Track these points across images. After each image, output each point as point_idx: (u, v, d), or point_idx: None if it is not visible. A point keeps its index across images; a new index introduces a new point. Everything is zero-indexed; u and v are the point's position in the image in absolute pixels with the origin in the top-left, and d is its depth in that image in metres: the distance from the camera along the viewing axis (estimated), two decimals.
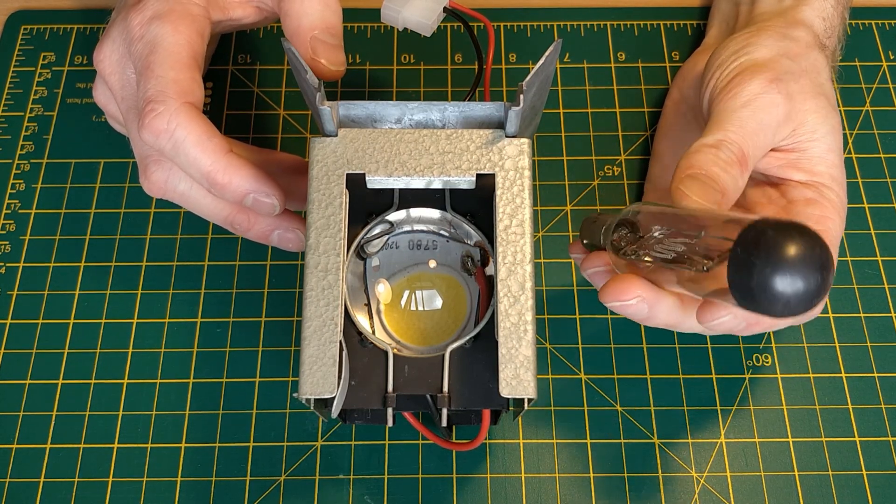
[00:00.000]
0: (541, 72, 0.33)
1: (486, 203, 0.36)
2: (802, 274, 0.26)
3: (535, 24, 0.51)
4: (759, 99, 0.37)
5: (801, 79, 0.38)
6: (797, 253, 0.26)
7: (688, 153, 0.36)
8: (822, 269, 0.27)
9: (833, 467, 0.40)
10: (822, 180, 0.38)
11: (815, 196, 0.37)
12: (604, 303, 0.33)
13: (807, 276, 0.26)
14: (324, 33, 0.38)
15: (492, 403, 0.33)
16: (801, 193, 0.38)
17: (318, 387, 0.31)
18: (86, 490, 0.40)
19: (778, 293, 0.27)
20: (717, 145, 0.35)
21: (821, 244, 0.27)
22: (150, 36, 0.37)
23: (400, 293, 0.36)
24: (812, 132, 0.37)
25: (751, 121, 0.36)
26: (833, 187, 0.38)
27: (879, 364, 0.42)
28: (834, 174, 0.38)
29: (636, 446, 0.41)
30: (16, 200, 0.46)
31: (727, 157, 0.35)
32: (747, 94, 0.37)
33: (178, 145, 0.35)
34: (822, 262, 0.27)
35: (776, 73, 0.37)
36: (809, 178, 0.38)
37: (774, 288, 0.27)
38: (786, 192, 0.38)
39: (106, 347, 0.43)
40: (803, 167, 0.38)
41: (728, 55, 0.39)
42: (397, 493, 0.39)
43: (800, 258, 0.26)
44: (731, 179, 0.35)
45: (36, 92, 0.49)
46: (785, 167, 0.38)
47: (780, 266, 0.26)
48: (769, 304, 0.27)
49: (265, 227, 0.40)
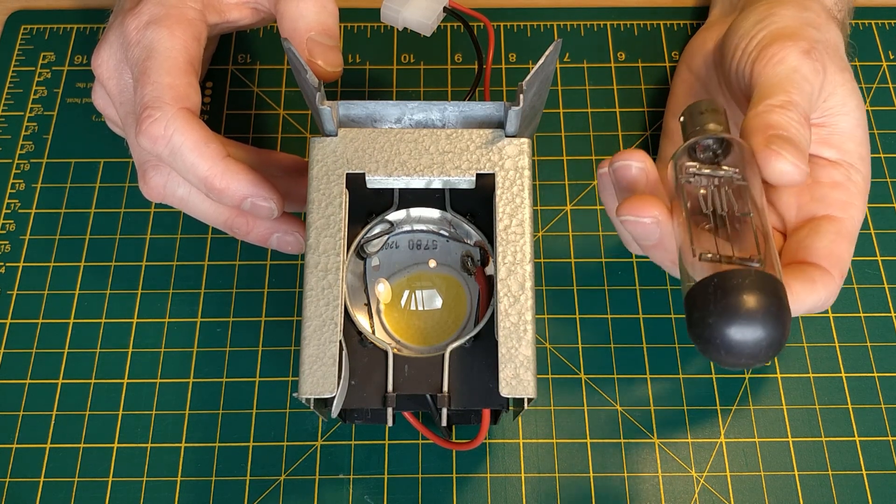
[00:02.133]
0: (541, 72, 0.33)
1: (485, 203, 0.36)
2: (748, 331, 0.28)
3: (535, 24, 0.51)
4: (804, 66, 0.36)
5: (828, 50, 0.37)
6: (752, 313, 0.28)
7: (757, 113, 0.34)
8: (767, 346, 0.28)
9: (833, 467, 0.40)
10: (852, 160, 0.37)
11: (842, 179, 0.37)
12: (618, 216, 0.33)
13: (752, 334, 0.28)
14: (320, 35, 0.38)
15: (492, 403, 0.33)
16: (829, 174, 0.37)
17: (318, 386, 0.31)
18: (86, 490, 0.40)
19: (722, 342, 0.28)
20: (785, 106, 0.34)
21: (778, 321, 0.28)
22: (146, 41, 0.37)
23: (400, 293, 0.36)
24: (843, 105, 0.37)
25: (806, 85, 0.36)
26: (861, 168, 0.37)
27: (879, 364, 0.42)
28: (862, 153, 0.37)
29: (636, 446, 0.41)
30: (16, 200, 0.46)
31: (798, 119, 0.34)
32: (793, 60, 0.36)
33: (175, 151, 0.35)
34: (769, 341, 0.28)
35: (810, 43, 0.37)
36: (839, 156, 0.37)
37: (716, 337, 0.28)
38: (812, 169, 0.37)
39: (106, 347, 0.43)
40: (834, 143, 0.37)
41: (751, 24, 0.38)
42: (397, 493, 0.39)
43: (753, 319, 0.28)
44: (806, 142, 0.34)
45: (36, 92, 0.49)
46: (816, 143, 0.37)
47: (731, 319, 0.28)
48: (707, 349, 0.29)
49: (264, 230, 0.40)
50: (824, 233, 0.36)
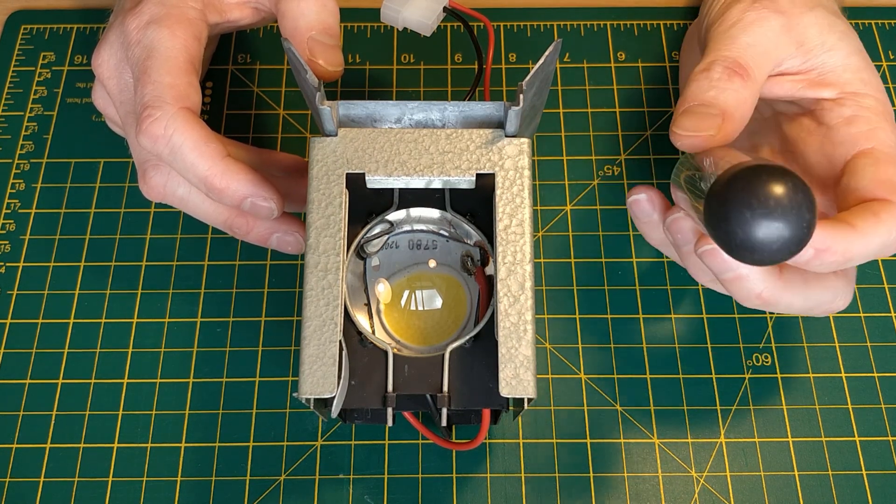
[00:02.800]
0: (541, 71, 0.33)
1: (485, 203, 0.36)
2: (776, 218, 0.26)
3: (535, 24, 0.51)
4: (746, 16, 0.35)
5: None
6: (775, 197, 0.26)
7: (682, 89, 0.35)
8: (789, 217, 0.26)
9: (833, 467, 0.40)
10: (854, 88, 0.35)
11: (853, 111, 0.35)
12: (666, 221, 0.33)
13: (780, 223, 0.26)
14: (321, 34, 0.38)
15: (492, 403, 0.33)
16: (838, 114, 0.35)
17: (318, 386, 0.31)
18: (86, 490, 0.40)
19: (747, 239, 0.26)
20: (707, 67, 0.34)
21: (803, 193, 0.26)
22: (146, 41, 0.37)
23: (400, 293, 0.36)
24: (821, 44, 0.36)
25: (741, 35, 0.35)
26: (868, 92, 0.35)
27: (879, 364, 0.42)
28: (864, 77, 0.36)
29: (636, 446, 0.41)
30: (16, 200, 0.46)
31: (720, 74, 0.34)
32: (733, 16, 0.36)
33: (175, 150, 0.35)
34: (790, 212, 0.26)
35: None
36: (840, 91, 0.36)
37: (742, 234, 0.26)
38: (821, 116, 0.36)
39: (106, 347, 0.43)
40: (829, 81, 0.36)
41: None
42: (397, 493, 0.39)
43: (777, 204, 0.26)
44: (732, 94, 0.33)
45: (36, 92, 0.49)
46: (809, 87, 0.36)
47: (753, 206, 0.26)
48: (737, 249, 0.27)
49: (264, 230, 0.40)
50: (862, 168, 0.33)
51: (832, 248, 0.30)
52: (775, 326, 0.43)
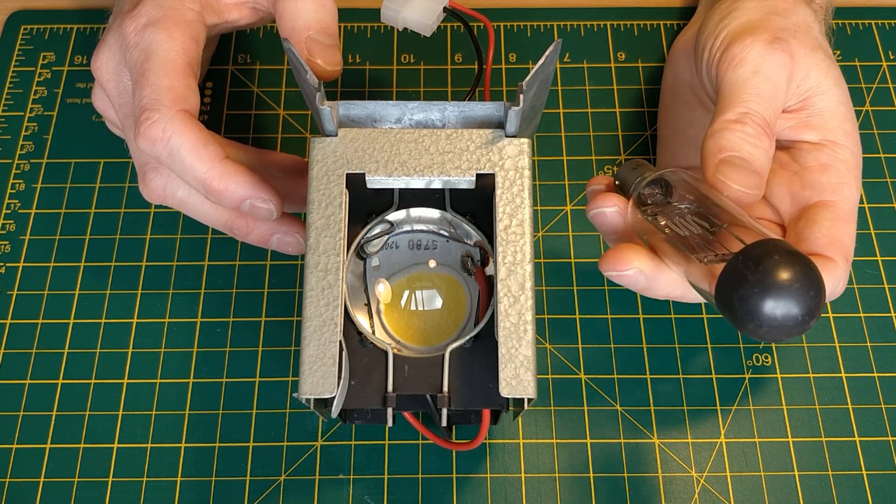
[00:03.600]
0: (541, 72, 0.33)
1: (486, 203, 0.36)
2: (788, 303, 0.27)
3: (535, 24, 0.51)
4: (766, 62, 0.36)
5: (796, 34, 0.37)
6: (790, 284, 0.27)
7: (712, 133, 0.35)
8: (807, 309, 0.28)
9: (833, 467, 0.40)
10: (835, 137, 0.36)
11: (828, 160, 0.36)
12: (602, 272, 0.34)
13: (792, 307, 0.27)
14: (319, 34, 0.38)
15: (492, 403, 0.33)
16: (815, 158, 0.36)
17: (318, 387, 0.31)
18: (86, 490, 0.40)
19: (757, 314, 0.28)
20: (741, 120, 0.34)
21: (816, 287, 0.28)
22: (144, 43, 0.37)
23: (400, 293, 0.36)
24: (818, 86, 0.37)
25: (766, 86, 0.35)
26: (847, 144, 0.36)
27: (879, 364, 0.42)
28: (846, 129, 0.37)
29: (636, 446, 0.41)
30: (16, 200, 0.46)
31: (755, 131, 0.34)
32: (753, 59, 0.36)
33: (173, 153, 0.35)
34: (809, 305, 0.27)
35: (773, 33, 0.36)
36: (822, 136, 0.37)
37: (755, 308, 0.28)
38: (797, 155, 0.37)
39: (106, 347, 0.43)
40: (814, 125, 0.37)
41: (715, 24, 0.39)
42: (397, 493, 0.39)
43: (791, 290, 0.27)
44: (764, 154, 0.34)
45: (36, 92, 0.49)
46: (796, 128, 0.37)
47: (769, 290, 0.27)
48: (742, 320, 0.28)
49: (264, 231, 0.40)
50: (820, 220, 0.35)
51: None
52: None
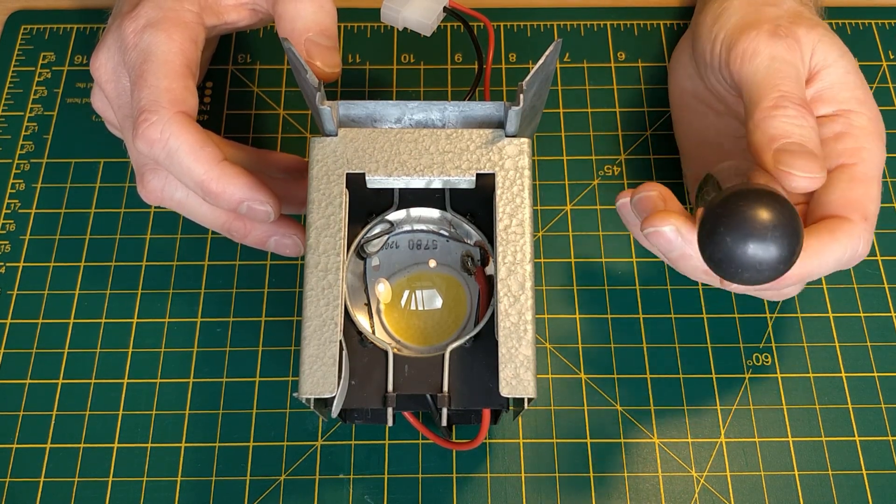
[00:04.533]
0: (541, 71, 0.33)
1: (486, 203, 0.36)
2: (760, 243, 0.28)
3: (535, 24, 0.51)
4: (778, 48, 0.36)
5: (793, 18, 0.37)
6: (749, 214, 0.28)
7: (756, 125, 0.34)
8: (774, 240, 0.28)
9: (833, 467, 0.40)
10: (849, 106, 0.37)
11: (843, 128, 0.36)
12: (643, 231, 0.33)
13: (764, 246, 0.28)
14: (318, 35, 0.38)
15: (492, 403, 0.33)
16: (830, 129, 0.36)
17: (318, 386, 0.31)
18: (86, 490, 0.40)
19: (735, 259, 0.28)
20: (779, 104, 0.34)
21: (776, 219, 0.28)
22: (143, 44, 0.37)
23: (400, 293, 0.36)
24: (823, 60, 0.37)
25: (789, 69, 0.36)
26: (861, 111, 0.37)
27: (879, 364, 0.42)
28: (858, 96, 0.37)
29: (636, 446, 0.41)
30: (16, 200, 0.46)
31: (797, 112, 0.34)
32: (765, 49, 0.36)
33: (171, 155, 0.35)
34: (776, 235, 0.28)
35: (773, 21, 0.37)
36: (835, 108, 0.37)
37: (731, 253, 0.28)
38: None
39: (106, 347, 0.43)
40: (826, 98, 0.37)
41: (709, 28, 0.39)
42: (397, 493, 0.39)
43: (758, 228, 0.28)
44: (813, 132, 0.34)
45: (36, 92, 0.49)
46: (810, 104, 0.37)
47: (739, 234, 0.28)
48: (723, 267, 0.29)
49: (261, 233, 0.40)
50: (836, 182, 0.35)
51: (790, 274, 0.32)
52: (775, 326, 0.43)
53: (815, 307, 0.44)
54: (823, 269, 0.34)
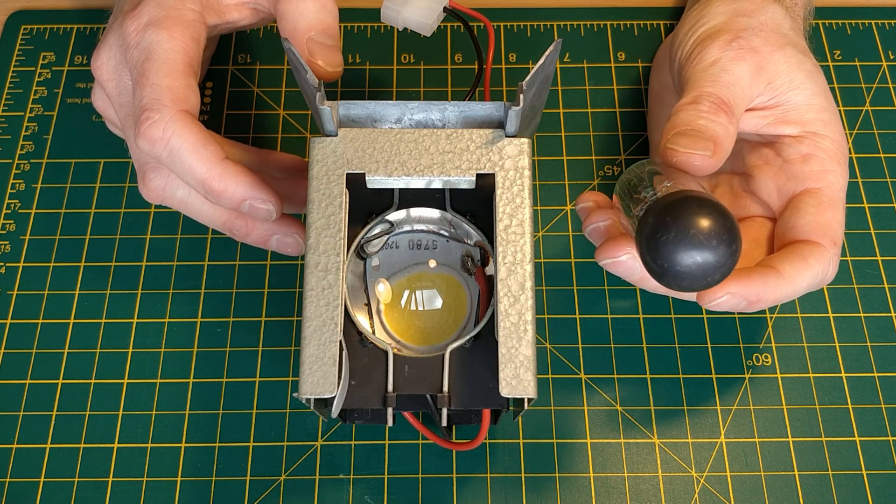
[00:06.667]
0: (541, 71, 0.33)
1: (486, 203, 0.36)
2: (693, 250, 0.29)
3: (535, 24, 0.51)
4: (724, 56, 0.37)
5: (762, 32, 0.38)
6: (679, 217, 0.29)
7: (669, 117, 0.36)
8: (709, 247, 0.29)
9: (833, 467, 0.40)
10: (815, 129, 0.37)
11: (809, 150, 0.37)
12: (598, 261, 0.35)
13: (695, 252, 0.29)
14: (320, 35, 0.38)
15: (492, 403, 0.33)
16: (796, 150, 0.37)
17: (318, 386, 0.31)
18: (86, 490, 0.40)
19: (671, 265, 0.29)
20: (694, 100, 0.35)
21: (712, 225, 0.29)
22: (145, 43, 0.37)
23: (400, 293, 0.36)
24: (789, 82, 0.37)
25: (723, 75, 0.36)
26: (827, 133, 0.37)
27: (879, 364, 0.42)
28: (824, 118, 0.37)
29: (636, 446, 0.41)
30: (16, 200, 0.46)
31: (708, 108, 0.35)
32: (711, 55, 0.37)
33: (173, 153, 0.35)
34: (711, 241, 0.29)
35: (734, 33, 0.37)
36: (801, 129, 0.37)
37: (666, 259, 0.29)
38: (780, 150, 0.38)
39: (106, 347, 0.43)
40: (792, 119, 0.37)
41: (685, 32, 0.40)
42: (397, 493, 0.39)
43: (695, 235, 0.28)
44: (720, 127, 0.35)
45: (36, 92, 0.49)
46: (774, 124, 0.38)
47: (656, 219, 0.29)
48: (660, 274, 0.30)
49: (263, 232, 0.40)
50: (804, 207, 0.36)
51: (763, 298, 0.33)
52: (775, 326, 0.43)
53: (815, 307, 0.44)
54: (797, 293, 0.35)
